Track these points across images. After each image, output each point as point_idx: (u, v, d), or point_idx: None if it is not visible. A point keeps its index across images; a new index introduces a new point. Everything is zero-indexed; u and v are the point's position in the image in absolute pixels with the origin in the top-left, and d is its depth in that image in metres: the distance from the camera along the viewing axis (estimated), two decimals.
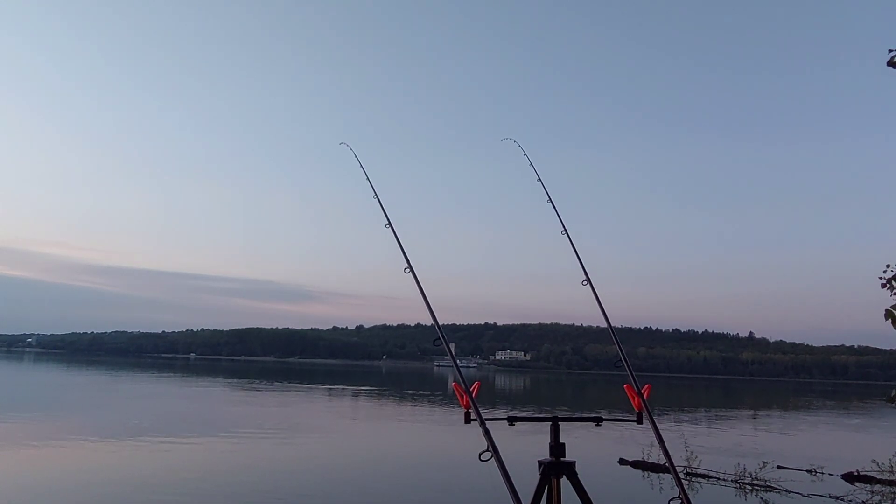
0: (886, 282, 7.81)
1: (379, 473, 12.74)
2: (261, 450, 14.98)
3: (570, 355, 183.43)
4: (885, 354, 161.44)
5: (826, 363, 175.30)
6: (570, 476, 2.57)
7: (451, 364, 3.05)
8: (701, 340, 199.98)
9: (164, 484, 10.53)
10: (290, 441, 16.70)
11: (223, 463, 13.07)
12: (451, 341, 3.03)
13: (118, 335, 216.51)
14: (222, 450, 14.75)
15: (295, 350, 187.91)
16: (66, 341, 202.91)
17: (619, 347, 3.14)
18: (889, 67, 6.86)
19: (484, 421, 2.51)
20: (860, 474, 12.70)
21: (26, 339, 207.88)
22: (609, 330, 3.32)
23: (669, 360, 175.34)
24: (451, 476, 12.72)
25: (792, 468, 13.48)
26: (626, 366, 3.02)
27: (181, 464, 12.63)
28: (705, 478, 12.24)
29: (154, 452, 13.75)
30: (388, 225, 3.50)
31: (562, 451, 2.61)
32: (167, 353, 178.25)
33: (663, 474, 12.48)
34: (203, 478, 11.31)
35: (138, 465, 12.24)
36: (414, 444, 18.15)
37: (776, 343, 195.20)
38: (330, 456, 14.90)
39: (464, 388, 2.58)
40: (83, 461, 12.54)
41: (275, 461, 13.28)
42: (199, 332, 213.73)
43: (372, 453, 15.39)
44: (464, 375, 2.66)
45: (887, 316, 7.11)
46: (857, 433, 27.59)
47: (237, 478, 11.43)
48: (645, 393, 2.82)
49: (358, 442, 17.85)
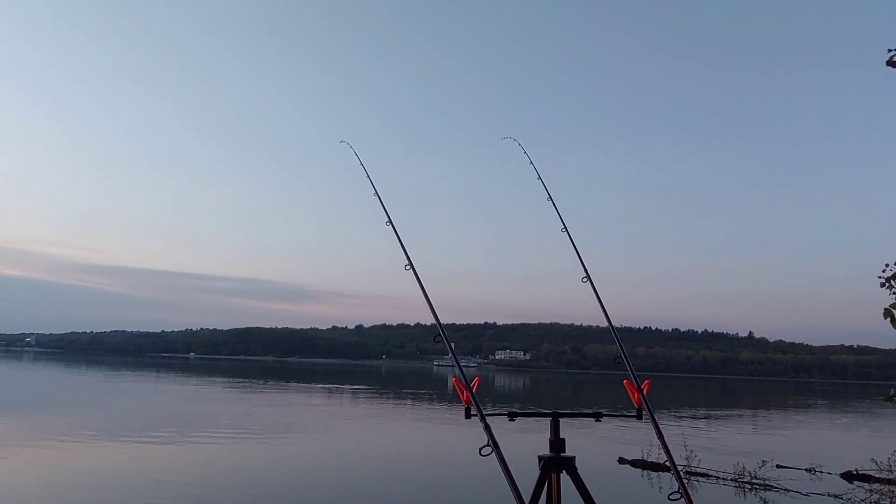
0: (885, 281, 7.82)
1: (379, 469, 12.74)
2: (259, 448, 14.98)
3: (569, 355, 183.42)
4: (883, 354, 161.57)
5: (825, 363, 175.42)
6: (570, 471, 2.58)
7: (450, 364, 3.07)
8: (700, 340, 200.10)
9: (158, 484, 10.52)
10: (289, 439, 16.70)
11: (220, 462, 13.06)
12: (451, 341, 3.03)
13: (117, 334, 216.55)
14: (219, 449, 14.75)
15: (294, 350, 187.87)
16: (66, 340, 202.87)
17: (619, 343, 3.16)
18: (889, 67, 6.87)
19: (484, 416, 2.52)
20: (859, 473, 12.71)
21: (25, 339, 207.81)
22: (608, 326, 3.34)
23: (669, 360, 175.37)
24: (452, 471, 12.74)
25: (791, 467, 13.49)
26: (625, 362, 3.03)
27: (176, 464, 12.62)
28: (704, 476, 12.25)
29: (147, 452, 13.73)
30: (389, 222, 3.51)
31: (562, 447, 2.62)
32: (166, 353, 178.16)
33: (663, 473, 12.50)
34: (200, 478, 11.31)
35: (130, 464, 12.23)
36: (414, 441, 18.15)
37: (775, 343, 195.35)
38: (329, 453, 14.89)
39: (464, 384, 2.59)
40: (70, 461, 12.54)
41: (274, 459, 13.28)
42: (199, 332, 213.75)
43: (372, 449, 15.37)
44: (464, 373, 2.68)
45: (886, 315, 7.12)
46: (855, 432, 27.61)
47: (235, 477, 11.42)
48: (644, 389, 2.83)
49: (357, 439, 17.84)
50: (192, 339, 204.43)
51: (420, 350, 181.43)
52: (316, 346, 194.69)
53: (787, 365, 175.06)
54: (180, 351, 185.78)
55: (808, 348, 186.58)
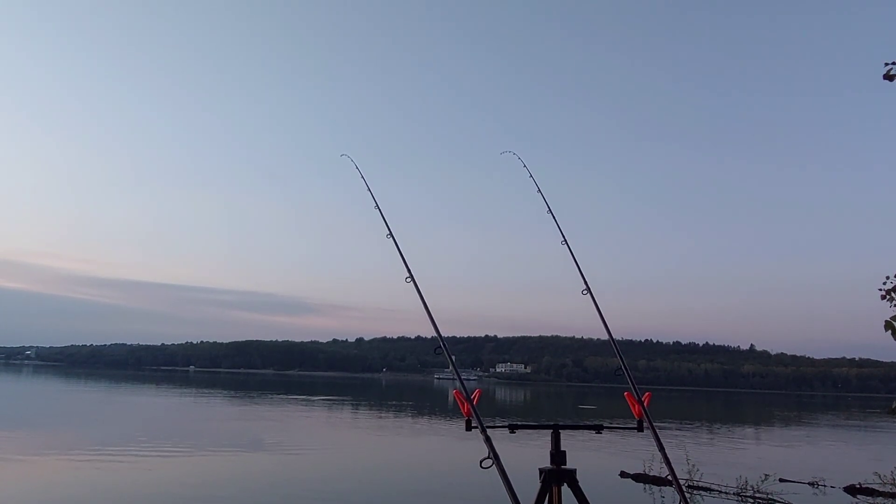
0: (886, 293, 7.82)
1: (380, 481, 12.67)
2: (257, 461, 14.89)
3: (570, 368, 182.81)
4: (885, 367, 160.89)
5: (827, 375, 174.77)
6: (571, 484, 2.57)
7: (451, 377, 3.06)
8: (702, 353, 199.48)
9: (155, 497, 10.47)
10: (288, 452, 16.60)
11: (217, 476, 12.99)
12: (451, 353, 3.04)
13: (117, 347, 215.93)
14: (217, 462, 14.68)
15: (294, 362, 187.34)
16: (65, 353, 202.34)
17: (620, 355, 3.16)
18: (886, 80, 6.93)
19: (485, 428, 2.52)
20: (862, 487, 12.64)
21: (25, 352, 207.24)
22: (609, 338, 3.34)
23: (670, 373, 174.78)
24: (453, 483, 12.67)
25: (794, 481, 13.42)
26: (626, 374, 3.04)
27: (180, 477, 12.56)
28: (707, 490, 12.17)
29: (143, 465, 13.67)
30: (390, 235, 3.53)
31: (563, 459, 2.61)
32: (166, 366, 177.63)
33: (665, 487, 12.42)
34: (200, 492, 11.26)
35: (125, 478, 12.17)
36: (415, 453, 18.05)
37: (777, 355, 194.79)
38: (330, 466, 14.81)
39: (465, 396, 2.59)
40: (66, 474, 12.48)
41: (273, 472, 13.20)
42: (199, 345, 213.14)
43: (373, 462, 15.31)
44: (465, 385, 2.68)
45: (887, 327, 7.11)
46: (858, 446, 27.46)
47: (233, 490, 11.36)
48: (645, 401, 2.83)
49: (358, 452, 17.75)
50: (192, 351, 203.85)
51: (421, 363, 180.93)
52: (316, 359, 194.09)
53: (788, 378, 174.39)
54: (180, 364, 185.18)
55: (809, 361, 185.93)
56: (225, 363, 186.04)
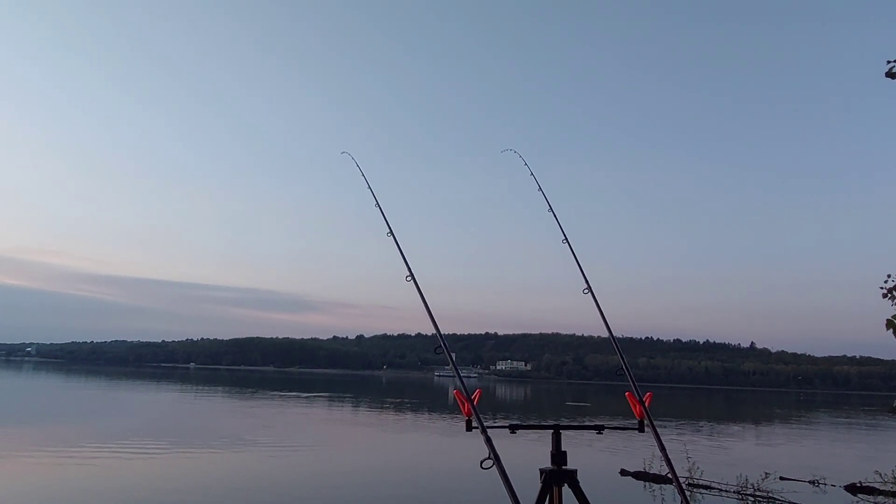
0: (887, 291, 7.83)
1: (379, 481, 12.66)
2: (257, 459, 14.89)
3: (570, 365, 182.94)
4: (886, 365, 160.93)
5: (828, 374, 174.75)
6: (571, 484, 2.56)
7: (451, 374, 3.05)
8: (702, 350, 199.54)
9: (153, 494, 10.47)
10: (287, 450, 16.61)
11: (217, 473, 12.99)
12: (452, 351, 3.02)
13: (118, 344, 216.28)
14: (217, 459, 14.68)
15: (295, 360, 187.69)
16: (66, 350, 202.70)
17: (621, 355, 3.14)
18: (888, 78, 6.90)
19: (486, 428, 2.50)
20: (863, 485, 12.63)
21: (26, 349, 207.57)
22: (610, 336, 3.32)
23: (670, 371, 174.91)
24: (453, 484, 12.66)
25: (794, 479, 13.41)
26: (627, 374, 3.02)
27: (180, 474, 12.56)
28: (707, 489, 12.16)
29: (142, 461, 13.68)
30: (390, 233, 3.51)
31: (563, 460, 2.59)
32: (167, 363, 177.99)
33: (665, 485, 12.42)
34: (200, 489, 11.26)
35: (124, 474, 12.17)
36: (415, 453, 18.05)
37: (778, 353, 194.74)
38: (329, 464, 14.82)
39: (465, 396, 2.57)
40: (65, 471, 12.48)
41: (272, 470, 13.20)
42: (199, 342, 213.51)
43: (372, 461, 15.30)
44: (465, 384, 2.66)
45: (888, 325, 7.11)
46: (859, 444, 27.45)
47: (232, 487, 11.36)
48: (646, 401, 2.81)
49: (357, 450, 17.76)
50: (193, 348, 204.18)
51: (421, 360, 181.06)
52: (316, 357, 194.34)
53: (789, 376, 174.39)
54: (181, 361, 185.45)
55: (810, 359, 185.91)
56: (225, 360, 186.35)
